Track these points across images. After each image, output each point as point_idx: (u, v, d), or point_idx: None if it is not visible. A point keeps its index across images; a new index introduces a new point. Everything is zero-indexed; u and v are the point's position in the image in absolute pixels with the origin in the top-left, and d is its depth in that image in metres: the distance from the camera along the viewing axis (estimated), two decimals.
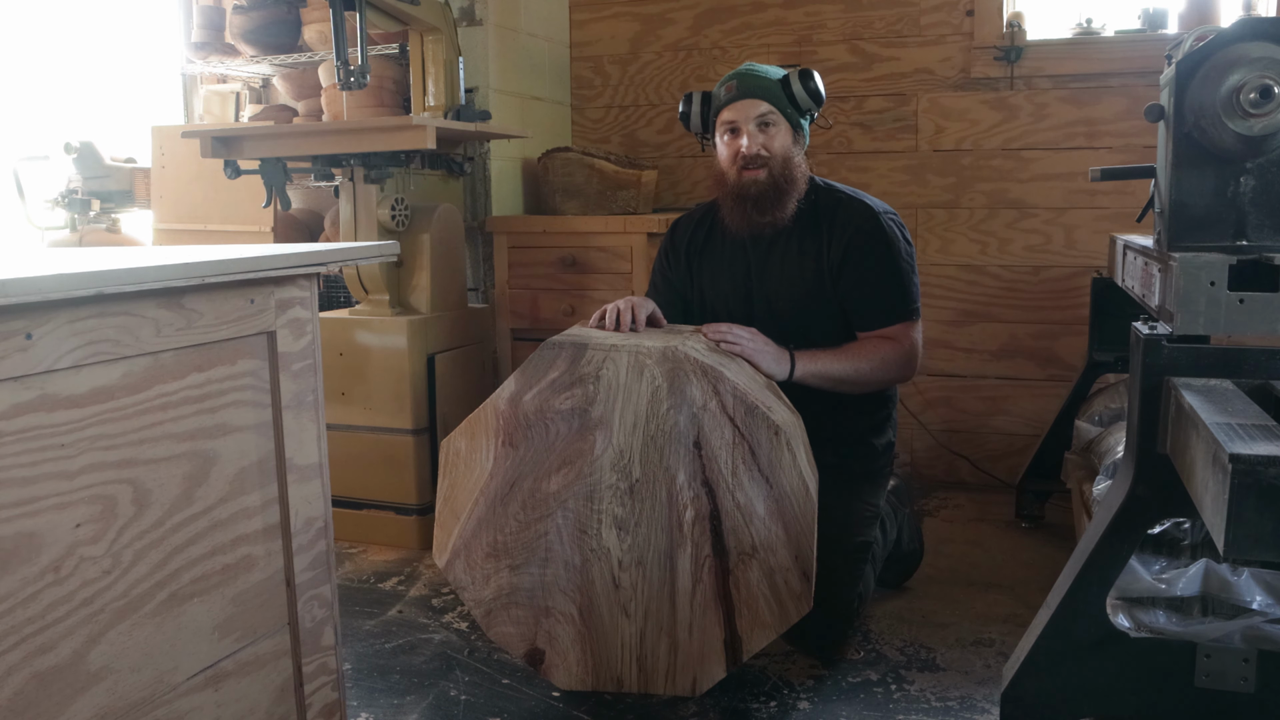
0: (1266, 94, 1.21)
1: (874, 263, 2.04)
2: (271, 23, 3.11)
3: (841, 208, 2.09)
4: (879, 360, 2.00)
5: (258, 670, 1.28)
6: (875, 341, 2.03)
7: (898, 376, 2.07)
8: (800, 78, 2.05)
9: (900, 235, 2.08)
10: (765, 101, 2.05)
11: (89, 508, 1.05)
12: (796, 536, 1.66)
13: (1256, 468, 0.92)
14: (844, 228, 2.06)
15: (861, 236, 2.05)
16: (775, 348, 1.92)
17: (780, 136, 2.07)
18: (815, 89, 2.06)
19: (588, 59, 3.42)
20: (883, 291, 2.04)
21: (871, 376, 2.01)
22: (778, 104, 2.05)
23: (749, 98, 2.05)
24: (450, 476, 1.78)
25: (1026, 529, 2.70)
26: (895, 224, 2.09)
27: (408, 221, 2.62)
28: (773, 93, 2.05)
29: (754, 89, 2.06)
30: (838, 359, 1.98)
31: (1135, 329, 1.37)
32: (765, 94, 2.05)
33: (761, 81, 2.06)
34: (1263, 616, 1.50)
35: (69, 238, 3.25)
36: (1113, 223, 2.85)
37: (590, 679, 1.77)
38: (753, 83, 2.06)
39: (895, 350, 2.02)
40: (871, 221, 2.05)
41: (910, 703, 1.79)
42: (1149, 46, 2.78)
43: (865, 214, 2.07)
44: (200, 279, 1.11)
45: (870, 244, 2.04)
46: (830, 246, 2.07)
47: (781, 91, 2.06)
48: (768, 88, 2.06)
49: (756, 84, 2.06)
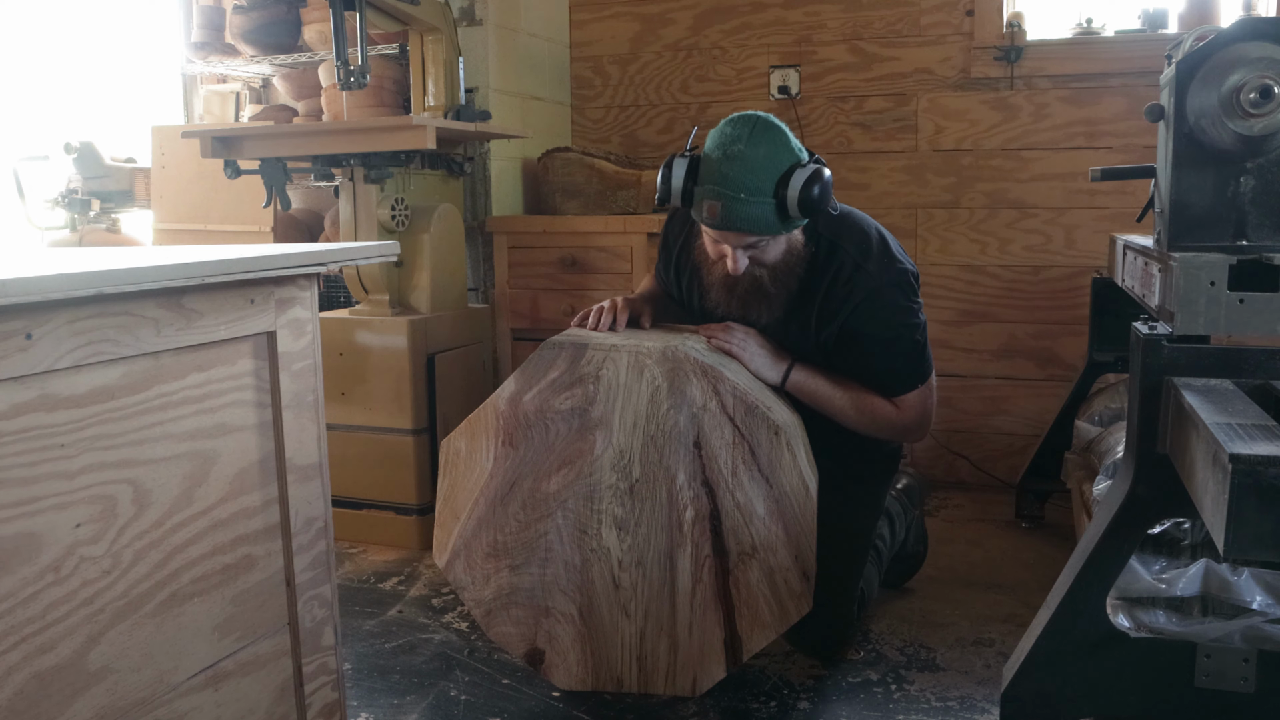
0: (1266, 94, 1.21)
1: (871, 344, 1.85)
2: (271, 23, 3.11)
3: (839, 278, 1.84)
4: (870, 418, 1.88)
5: (258, 670, 1.28)
6: (878, 401, 1.87)
7: (895, 439, 1.97)
8: (804, 189, 1.68)
9: (904, 302, 1.84)
10: (752, 234, 1.74)
11: (89, 508, 1.05)
12: (796, 536, 1.66)
13: (1256, 468, 0.92)
14: (838, 304, 1.84)
15: (857, 317, 1.83)
16: (773, 352, 1.86)
17: (773, 248, 1.80)
18: (814, 200, 1.69)
19: (588, 59, 3.42)
20: (881, 371, 1.88)
21: (859, 428, 1.89)
22: (770, 229, 1.74)
23: (733, 230, 1.74)
24: (450, 476, 1.78)
25: (1026, 529, 2.70)
26: (899, 287, 1.83)
27: (408, 221, 2.62)
28: (763, 220, 1.72)
29: (743, 222, 1.72)
30: (835, 391, 1.87)
31: (1135, 329, 1.37)
32: (758, 226, 1.73)
33: (751, 210, 1.71)
34: (1263, 616, 1.50)
35: (69, 238, 3.25)
36: (1113, 223, 2.85)
37: (590, 679, 1.77)
38: (742, 214, 1.71)
39: (892, 416, 1.88)
40: (869, 296, 1.82)
41: (910, 703, 1.79)
42: (1149, 46, 2.78)
43: (863, 288, 1.82)
44: (200, 279, 1.11)
45: (866, 324, 1.83)
46: (820, 320, 1.86)
47: (774, 214, 1.71)
48: (760, 219, 1.72)
49: (746, 216, 1.71)
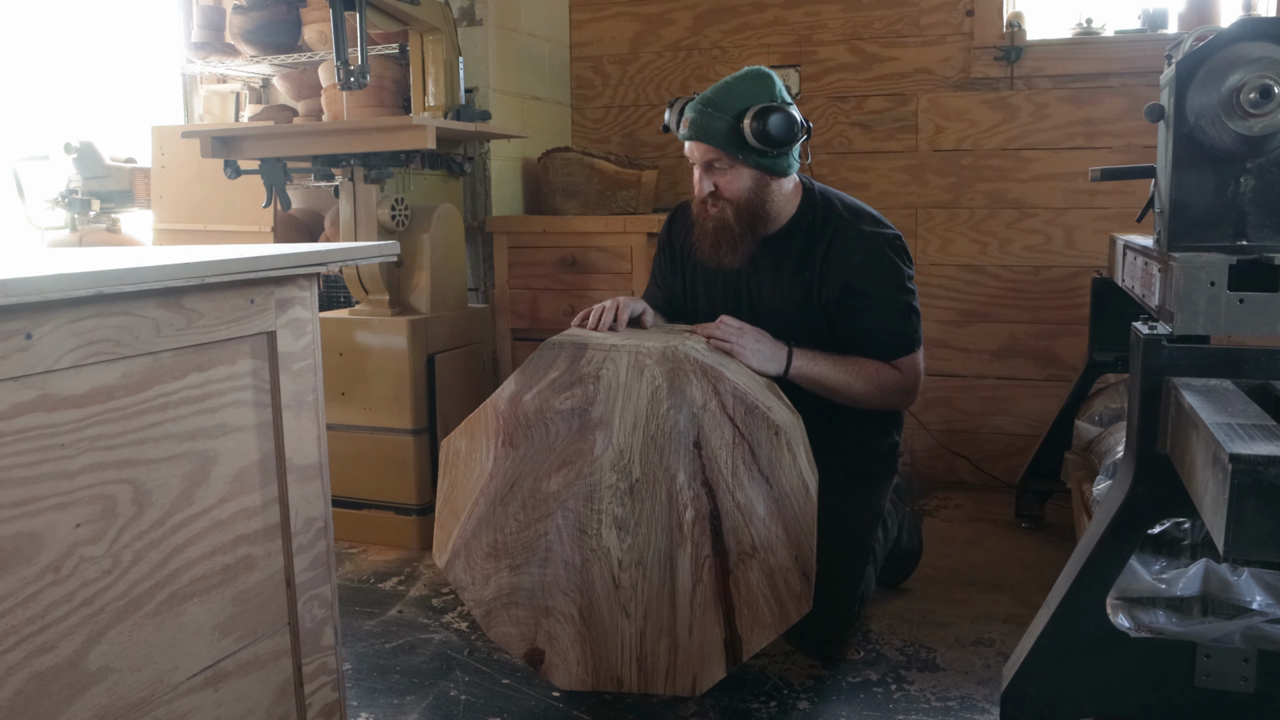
0: (1266, 94, 1.21)
1: (874, 301, 1.93)
2: (271, 23, 3.11)
3: (839, 236, 1.95)
4: (877, 384, 1.93)
5: (258, 670, 1.28)
6: (879, 365, 1.94)
7: (895, 405, 2.02)
8: (755, 118, 1.82)
9: (900, 264, 1.95)
10: (712, 147, 1.88)
11: (89, 508, 1.05)
12: (796, 536, 1.66)
13: (1256, 468, 0.92)
14: (841, 261, 1.94)
15: (860, 274, 1.92)
16: (771, 344, 1.89)
17: (735, 180, 1.91)
18: (768, 134, 1.82)
19: (588, 59, 3.42)
20: (883, 329, 1.94)
21: (865, 398, 1.94)
22: (728, 148, 1.87)
23: (696, 140, 1.90)
24: (450, 476, 1.78)
25: (1026, 529, 2.70)
26: (895, 250, 1.95)
27: (408, 221, 2.62)
28: (723, 135, 1.86)
29: (702, 131, 1.88)
30: (836, 369, 1.91)
31: (1135, 329, 1.37)
32: (714, 138, 1.87)
33: (712, 122, 1.87)
34: (1263, 616, 1.51)
35: (69, 238, 3.25)
36: (1113, 223, 2.85)
37: (590, 679, 1.77)
38: (703, 124, 1.88)
39: (896, 379, 1.94)
40: (870, 254, 1.93)
41: (910, 703, 1.79)
42: (1149, 46, 2.78)
43: (864, 246, 1.93)
44: (200, 279, 1.11)
45: (869, 282, 1.92)
46: (824, 278, 1.95)
47: (732, 135, 1.85)
48: (718, 131, 1.86)
49: (706, 126, 1.87)
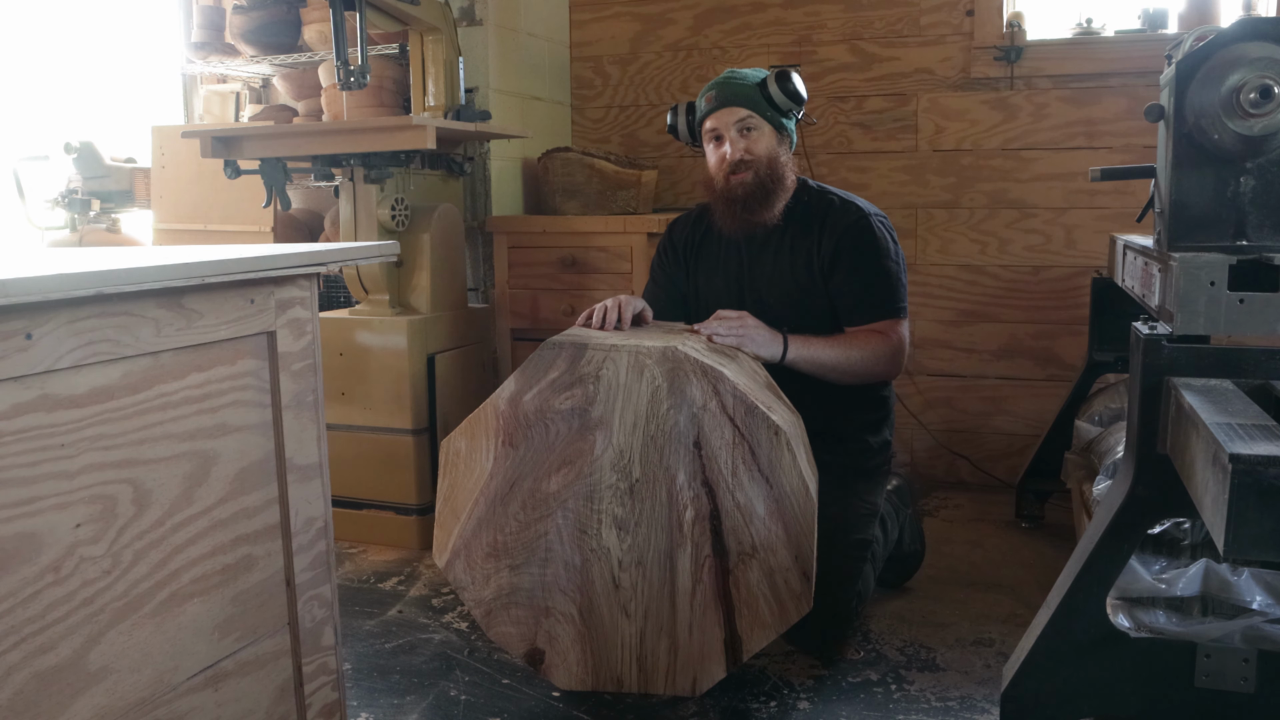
0: (1266, 94, 1.21)
1: (863, 261, 2.08)
2: (271, 23, 3.11)
3: (833, 210, 2.13)
4: (869, 351, 2.03)
5: (258, 670, 1.28)
6: (865, 334, 2.07)
7: (885, 370, 2.09)
8: (778, 79, 2.07)
9: (889, 236, 2.12)
10: (743, 108, 2.09)
11: (89, 508, 1.05)
12: (796, 536, 1.66)
13: (1256, 468, 0.92)
14: (835, 228, 2.10)
15: (851, 236, 2.09)
16: (768, 331, 1.97)
17: (763, 139, 2.11)
18: (793, 89, 2.08)
19: (588, 59, 3.42)
20: (871, 289, 2.08)
21: (860, 366, 2.03)
22: (756, 108, 2.09)
23: (728, 106, 2.10)
24: (450, 476, 1.78)
25: (1026, 529, 2.70)
26: (884, 226, 2.13)
27: (408, 221, 2.62)
28: (751, 98, 2.09)
29: (732, 96, 2.09)
30: (829, 346, 2.02)
31: (1135, 329, 1.37)
32: (743, 100, 2.09)
33: (739, 88, 2.10)
34: (1263, 616, 1.50)
35: (69, 238, 3.25)
36: (1113, 223, 2.85)
37: (590, 679, 1.77)
38: (731, 90, 2.10)
39: (884, 343, 2.05)
40: (861, 222, 2.10)
41: (910, 703, 1.79)
42: (1149, 46, 2.78)
43: (856, 215, 2.11)
44: (200, 279, 1.11)
45: (860, 244, 2.08)
46: (821, 245, 2.11)
47: (760, 95, 2.08)
48: (745, 93, 2.09)
49: (734, 91, 2.10)
